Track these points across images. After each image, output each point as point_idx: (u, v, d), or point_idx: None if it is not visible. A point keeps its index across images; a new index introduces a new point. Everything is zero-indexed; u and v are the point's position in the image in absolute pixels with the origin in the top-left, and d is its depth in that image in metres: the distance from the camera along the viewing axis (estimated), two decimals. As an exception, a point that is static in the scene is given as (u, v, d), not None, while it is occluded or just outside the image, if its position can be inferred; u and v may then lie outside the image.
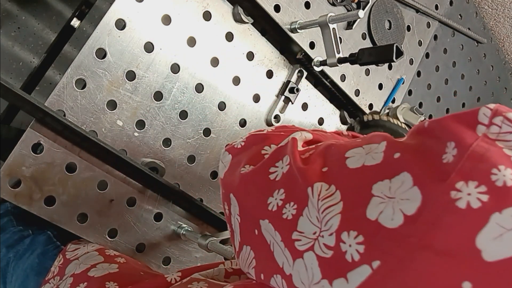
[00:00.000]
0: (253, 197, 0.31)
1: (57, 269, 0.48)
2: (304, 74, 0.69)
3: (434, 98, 0.98)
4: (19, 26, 0.83)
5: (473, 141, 0.21)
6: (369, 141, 0.27)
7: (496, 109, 0.22)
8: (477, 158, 0.20)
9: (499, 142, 0.21)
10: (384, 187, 0.22)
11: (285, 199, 0.28)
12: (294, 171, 0.29)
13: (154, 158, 0.56)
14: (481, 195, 0.19)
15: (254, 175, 0.32)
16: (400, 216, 0.21)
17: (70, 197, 0.49)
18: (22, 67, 0.83)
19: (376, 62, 0.54)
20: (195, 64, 0.57)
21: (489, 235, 0.18)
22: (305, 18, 0.64)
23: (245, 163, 0.34)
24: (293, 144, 0.32)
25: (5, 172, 0.45)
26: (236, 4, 0.59)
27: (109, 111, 0.51)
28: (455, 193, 0.19)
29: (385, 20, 0.78)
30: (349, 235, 0.22)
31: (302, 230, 0.25)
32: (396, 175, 0.22)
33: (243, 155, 0.35)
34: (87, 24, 0.80)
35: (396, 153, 0.24)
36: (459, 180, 0.20)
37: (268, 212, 0.29)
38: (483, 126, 0.22)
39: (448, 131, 0.23)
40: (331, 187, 0.25)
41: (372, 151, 0.25)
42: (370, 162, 0.25)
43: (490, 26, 1.15)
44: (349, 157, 0.26)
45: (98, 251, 0.50)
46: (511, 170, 0.19)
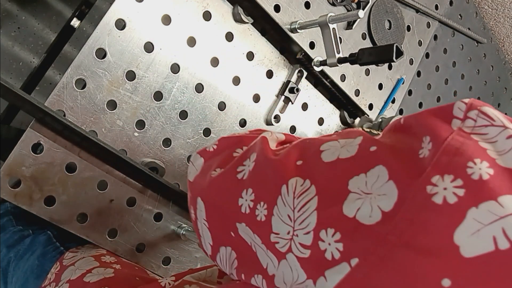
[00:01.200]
0: (224, 200, 0.30)
1: (54, 276, 0.48)
2: (304, 74, 0.69)
3: (434, 98, 0.98)
4: (19, 26, 0.83)
5: (448, 135, 0.21)
6: (345, 136, 0.27)
7: (471, 103, 0.21)
8: (452, 151, 0.20)
9: (475, 135, 0.20)
10: (360, 182, 0.22)
11: (255, 199, 0.27)
12: (263, 165, 0.28)
13: (154, 158, 0.56)
14: (457, 190, 0.19)
15: (222, 177, 0.31)
16: (378, 212, 0.20)
17: (70, 197, 0.49)
18: (22, 67, 0.83)
19: (376, 62, 0.54)
20: (195, 64, 0.57)
21: (467, 231, 0.18)
22: (305, 18, 0.64)
23: (216, 167, 0.33)
24: (262, 142, 0.31)
25: (5, 172, 0.45)
26: (236, 4, 0.59)
27: (109, 111, 0.51)
28: (431, 187, 0.19)
29: (385, 20, 0.78)
30: (327, 233, 0.22)
31: (277, 231, 0.25)
32: (371, 168, 0.22)
33: (215, 159, 0.34)
34: (87, 24, 0.80)
35: (372, 147, 0.23)
36: (434, 174, 0.19)
37: (242, 215, 0.28)
38: (458, 120, 0.21)
39: (423, 126, 0.22)
40: (305, 181, 0.25)
41: (347, 144, 0.25)
42: (345, 155, 0.24)
43: (490, 26, 1.15)
44: (324, 150, 0.26)
45: (94, 257, 0.50)
46: (487, 163, 0.19)
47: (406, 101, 0.90)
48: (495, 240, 0.17)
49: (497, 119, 0.20)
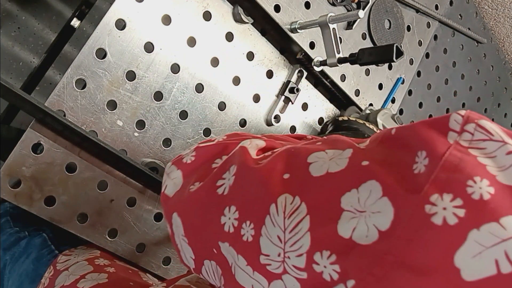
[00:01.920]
0: (204, 217, 0.28)
1: (47, 281, 0.48)
2: (304, 74, 0.69)
3: (434, 98, 0.98)
4: (19, 26, 0.83)
5: (446, 150, 0.20)
6: (332, 145, 0.26)
7: (468, 116, 0.21)
8: (451, 168, 0.19)
9: (472, 150, 0.20)
10: (352, 198, 0.21)
11: (240, 218, 0.25)
12: (245, 178, 0.27)
13: (154, 158, 0.56)
14: (457, 210, 0.18)
15: (201, 192, 0.29)
16: (375, 232, 0.19)
17: (70, 197, 0.49)
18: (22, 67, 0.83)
19: (376, 62, 0.54)
20: (195, 64, 0.57)
21: (468, 253, 0.17)
22: (305, 18, 0.64)
23: (195, 180, 0.31)
24: (242, 152, 0.29)
25: (5, 172, 0.45)
26: (236, 4, 0.59)
27: (109, 111, 0.51)
28: (430, 207, 0.18)
29: (385, 20, 0.78)
30: (322, 255, 0.21)
31: (267, 252, 0.23)
32: (363, 183, 0.21)
33: (194, 173, 0.32)
34: (87, 24, 0.80)
35: (363, 161, 0.22)
36: (433, 193, 0.19)
37: (226, 234, 0.26)
38: (454, 133, 0.21)
39: (417, 139, 0.21)
40: (295, 199, 0.23)
41: (336, 157, 0.24)
42: (334, 169, 0.23)
43: (490, 26, 1.15)
44: (312, 162, 0.24)
45: (87, 260, 0.50)
46: (487, 181, 0.18)
47: (406, 101, 0.90)
48: (497, 264, 0.17)
49: (496, 133, 0.20)
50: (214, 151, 0.33)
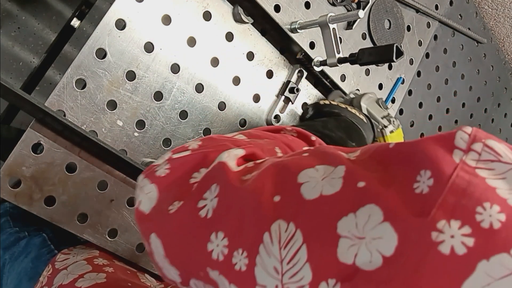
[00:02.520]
0: (188, 243, 0.27)
1: (46, 279, 0.48)
2: (304, 74, 0.69)
3: (434, 98, 0.98)
4: (19, 26, 0.83)
5: (452, 171, 0.19)
6: (322, 159, 0.24)
7: (475, 135, 0.20)
8: (459, 192, 0.18)
9: (480, 170, 0.19)
10: (350, 223, 0.20)
11: (230, 245, 0.24)
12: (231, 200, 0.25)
13: (154, 158, 0.56)
14: (466, 238, 0.17)
15: (182, 214, 0.27)
16: (379, 258, 0.19)
17: (70, 197, 0.49)
18: (22, 67, 0.83)
19: (376, 62, 0.54)
20: (195, 64, 0.57)
21: (476, 284, 0.17)
22: (305, 18, 0.64)
23: (173, 199, 0.29)
24: (222, 169, 0.27)
25: (5, 172, 0.45)
26: (236, 4, 0.59)
27: (109, 111, 0.51)
28: (437, 234, 0.18)
29: (385, 20, 0.78)
30: (328, 284, 0.20)
31: (263, 283, 0.22)
32: (361, 207, 0.20)
33: (170, 188, 0.30)
34: (87, 24, 0.80)
35: (359, 182, 0.21)
36: (440, 219, 0.18)
37: (215, 262, 0.24)
38: (460, 151, 0.20)
39: (420, 156, 0.20)
40: (289, 225, 0.22)
41: (329, 176, 0.23)
42: (329, 191, 0.22)
43: (490, 26, 1.15)
44: (303, 183, 0.23)
45: (86, 260, 0.50)
46: (497, 207, 0.17)
47: (406, 101, 0.90)
48: None
49: (505, 154, 0.19)
50: (191, 163, 0.31)
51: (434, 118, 1.00)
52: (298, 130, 0.41)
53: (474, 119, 1.13)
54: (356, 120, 0.54)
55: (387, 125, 0.59)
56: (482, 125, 1.17)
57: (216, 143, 0.33)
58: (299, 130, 0.41)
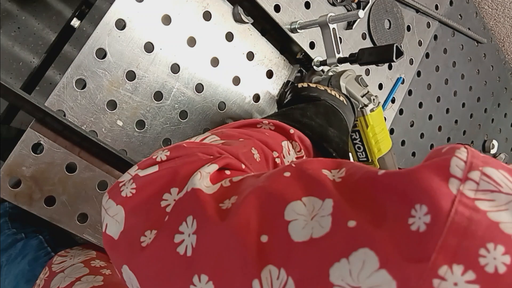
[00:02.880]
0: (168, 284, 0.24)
1: (43, 282, 0.48)
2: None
3: (434, 98, 0.99)
4: (19, 26, 0.83)
5: (450, 206, 0.17)
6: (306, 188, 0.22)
7: (471, 162, 0.19)
8: (460, 232, 0.17)
9: (480, 202, 0.18)
10: (343, 271, 0.18)
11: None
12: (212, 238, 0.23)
13: (154, 158, 0.56)
14: (469, 286, 0.16)
15: (157, 249, 0.25)
16: None
17: (70, 197, 0.49)
18: (22, 67, 0.83)
19: (376, 62, 0.54)
20: (195, 64, 0.57)
21: None
22: (305, 18, 0.64)
23: (145, 228, 0.26)
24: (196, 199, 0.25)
25: (5, 172, 0.45)
26: (236, 4, 0.59)
27: (109, 111, 0.51)
28: (439, 282, 0.16)
29: (385, 20, 0.78)
30: None
31: None
32: (354, 251, 0.19)
33: (139, 212, 0.27)
34: (87, 24, 0.80)
35: (349, 221, 0.20)
36: (442, 264, 0.17)
37: None
38: (457, 180, 0.18)
39: (413, 189, 0.19)
40: (281, 272, 0.20)
41: (317, 213, 0.21)
42: (319, 233, 0.20)
43: (490, 26, 1.15)
44: (290, 221, 0.21)
45: (83, 262, 0.49)
46: (502, 248, 0.16)
47: (406, 101, 0.90)
48: None
49: (505, 184, 0.18)
50: (159, 182, 0.28)
51: (434, 118, 1.00)
52: (275, 123, 0.39)
53: (474, 119, 1.13)
54: (336, 103, 0.50)
55: (367, 104, 0.57)
56: (482, 125, 1.17)
57: (185, 152, 0.30)
58: (276, 123, 0.39)
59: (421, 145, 0.98)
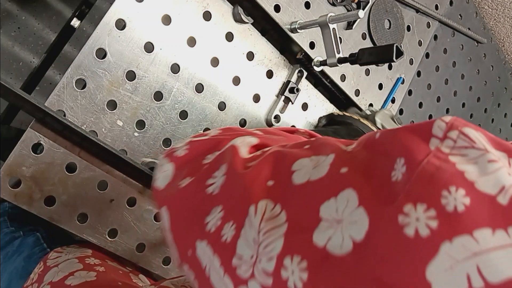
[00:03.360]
0: (190, 214, 0.28)
1: (36, 276, 0.48)
2: (304, 74, 0.69)
3: (434, 98, 0.99)
4: (19, 26, 0.83)
5: (424, 157, 0.19)
6: (318, 151, 0.25)
7: (452, 123, 0.20)
8: (426, 177, 0.18)
9: (453, 156, 0.19)
10: (331, 207, 0.20)
11: (224, 217, 0.25)
12: (233, 181, 0.26)
13: (154, 158, 0.56)
14: (430, 221, 0.17)
15: (191, 188, 0.29)
16: (349, 242, 0.19)
17: (70, 197, 0.49)
18: (22, 67, 0.83)
19: (376, 62, 0.54)
20: (195, 64, 0.57)
21: (440, 267, 0.17)
22: (305, 18, 0.64)
23: (185, 175, 0.31)
24: (232, 151, 0.29)
25: (5, 172, 0.45)
26: (236, 4, 0.59)
27: (109, 111, 0.51)
28: (403, 217, 0.18)
29: (385, 20, 0.78)
30: (292, 260, 0.20)
31: (241, 253, 0.23)
32: (341, 191, 0.21)
33: (185, 166, 0.32)
34: (87, 24, 0.80)
35: (342, 168, 0.22)
36: (407, 203, 0.18)
37: (206, 234, 0.26)
38: (436, 140, 0.20)
39: (398, 145, 0.21)
40: (276, 206, 0.23)
41: (319, 164, 0.23)
42: (315, 176, 0.23)
43: (490, 26, 1.15)
44: (295, 170, 0.24)
45: (78, 258, 0.50)
46: (463, 190, 0.17)
47: (406, 101, 0.90)
48: (469, 278, 0.16)
49: (479, 141, 0.19)
50: (207, 146, 0.33)
51: (434, 118, 1.00)
52: (309, 133, 0.42)
53: (474, 119, 1.13)
54: (367, 130, 0.55)
55: None
56: (482, 125, 1.17)
57: (234, 132, 0.35)
58: (310, 133, 0.42)
59: (421, 145, 0.98)
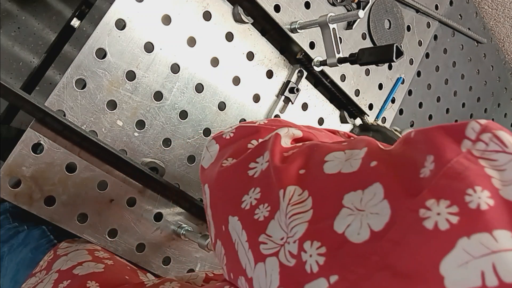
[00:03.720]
0: (228, 192, 0.30)
1: (46, 264, 0.48)
2: (304, 74, 0.69)
3: (434, 98, 0.98)
4: (19, 26, 0.83)
5: (453, 157, 0.19)
6: (353, 145, 0.25)
7: (486, 125, 0.20)
8: (453, 175, 0.18)
9: (483, 160, 0.19)
10: (355, 198, 0.21)
11: (260, 199, 0.27)
12: (271, 169, 0.28)
13: (154, 158, 0.56)
14: (450, 216, 0.17)
15: (233, 169, 0.31)
16: (367, 231, 0.19)
17: (70, 197, 0.49)
18: (22, 67, 0.83)
19: (376, 62, 0.54)
20: (195, 64, 0.57)
21: (455, 261, 0.17)
22: (305, 18, 0.64)
23: (229, 156, 0.33)
24: (275, 140, 0.30)
25: (5, 172, 0.45)
26: (236, 4, 0.59)
27: (109, 111, 0.51)
28: (424, 211, 0.18)
29: (385, 20, 0.78)
30: (312, 245, 0.21)
31: (271, 234, 0.24)
32: (369, 186, 0.21)
33: (229, 148, 0.34)
34: (87, 24, 0.80)
35: (372, 161, 0.22)
36: (430, 198, 0.18)
37: (240, 210, 0.27)
38: (469, 141, 0.20)
39: (430, 143, 0.21)
40: (304, 192, 0.24)
41: (352, 157, 0.24)
42: (347, 169, 0.23)
43: (490, 26, 1.15)
44: (328, 161, 0.25)
45: (87, 250, 0.50)
46: (488, 192, 0.17)
47: (406, 101, 0.90)
48: (483, 276, 0.16)
49: (511, 146, 0.19)
50: (253, 131, 0.34)
51: (434, 118, 1.00)
52: (349, 134, 0.44)
53: (474, 119, 1.13)
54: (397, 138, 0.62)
55: None
56: (482, 125, 1.17)
57: (281, 123, 0.36)
58: (350, 134, 0.44)
59: (421, 145, 0.98)
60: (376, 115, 0.81)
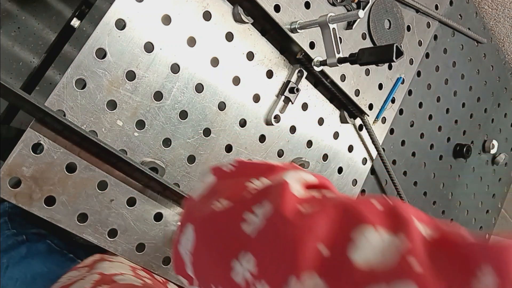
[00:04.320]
0: (215, 248, 0.25)
1: (91, 262, 0.49)
2: (304, 74, 0.69)
3: (434, 98, 0.98)
4: (19, 26, 0.83)
5: None
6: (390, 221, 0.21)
7: None
8: None
9: None
10: None
11: (257, 275, 0.21)
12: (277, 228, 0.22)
13: (154, 158, 0.56)
14: None
15: (225, 217, 0.26)
16: None
17: (70, 197, 0.49)
18: (22, 67, 0.83)
19: (376, 62, 0.54)
20: (195, 64, 0.57)
21: None
22: (305, 18, 0.64)
23: (223, 196, 0.27)
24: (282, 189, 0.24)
25: (5, 172, 0.45)
26: (236, 4, 0.59)
27: (109, 111, 0.51)
28: None
29: (385, 20, 0.78)
30: None
31: None
32: (398, 280, 0.18)
33: (226, 183, 0.29)
34: (87, 24, 0.80)
35: (410, 257, 0.19)
36: None
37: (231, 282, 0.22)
38: None
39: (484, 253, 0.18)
40: (320, 283, 0.19)
41: (389, 247, 0.20)
42: (380, 265, 0.19)
43: (490, 26, 1.15)
44: (355, 239, 0.20)
45: (130, 266, 0.51)
46: None
47: (406, 101, 0.90)
48: None
49: None
50: (256, 168, 0.30)
51: (434, 118, 1.00)
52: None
53: (474, 119, 1.13)
54: None
55: None
56: (482, 125, 1.17)
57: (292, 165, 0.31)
58: None
59: (421, 145, 0.98)
60: (376, 115, 0.81)
